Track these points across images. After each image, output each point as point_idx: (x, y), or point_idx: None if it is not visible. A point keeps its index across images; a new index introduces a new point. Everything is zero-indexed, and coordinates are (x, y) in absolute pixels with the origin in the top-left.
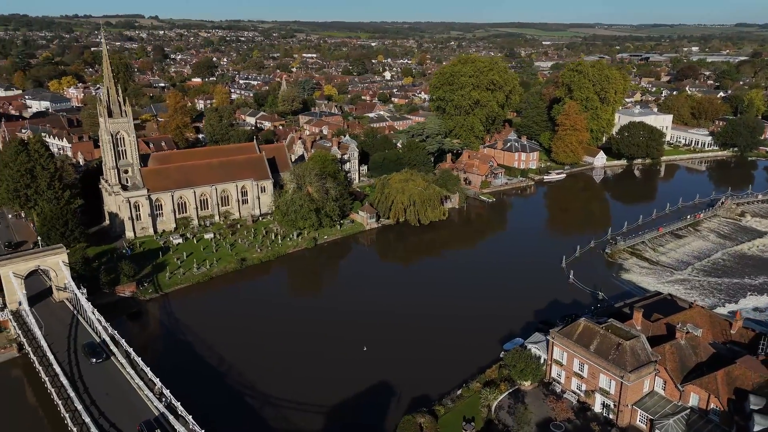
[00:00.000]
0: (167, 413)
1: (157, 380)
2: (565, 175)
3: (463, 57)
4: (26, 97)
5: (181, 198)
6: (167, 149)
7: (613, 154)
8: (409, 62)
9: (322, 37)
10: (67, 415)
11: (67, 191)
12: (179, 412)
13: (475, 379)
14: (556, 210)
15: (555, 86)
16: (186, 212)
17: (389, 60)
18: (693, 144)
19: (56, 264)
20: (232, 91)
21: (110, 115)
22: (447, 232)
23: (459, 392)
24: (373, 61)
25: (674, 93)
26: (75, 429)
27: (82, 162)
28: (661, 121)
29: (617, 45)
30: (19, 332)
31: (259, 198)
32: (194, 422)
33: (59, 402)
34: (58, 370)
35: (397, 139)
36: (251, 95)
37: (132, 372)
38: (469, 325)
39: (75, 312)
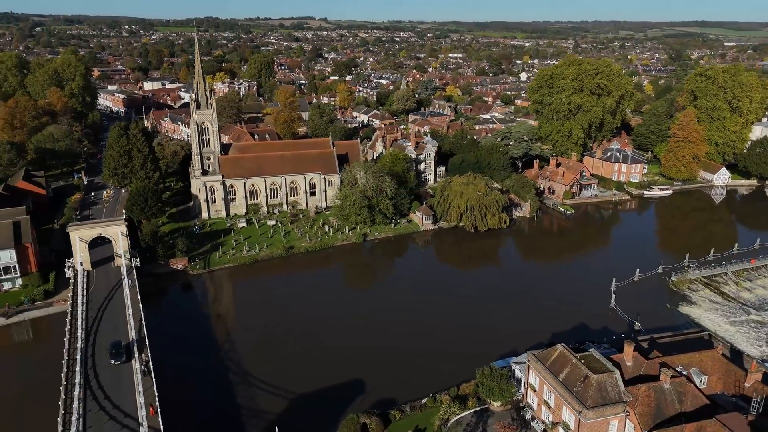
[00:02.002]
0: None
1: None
2: (671, 191)
3: (569, 58)
4: (182, 89)
5: (252, 186)
6: (269, 140)
7: (742, 172)
8: (556, 63)
9: (476, 37)
10: (62, 376)
11: (157, 172)
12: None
13: (446, 391)
14: (640, 229)
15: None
16: (257, 199)
17: (535, 61)
18: None
19: (116, 233)
20: (360, 89)
21: (198, 107)
22: (502, 242)
23: (424, 401)
24: (518, 61)
25: None
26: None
27: None
28: None
29: None
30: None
31: (325, 191)
32: None
33: (63, 362)
34: (79, 333)
35: (485, 142)
36: (374, 94)
37: (139, 378)
38: (482, 337)
39: (124, 278)
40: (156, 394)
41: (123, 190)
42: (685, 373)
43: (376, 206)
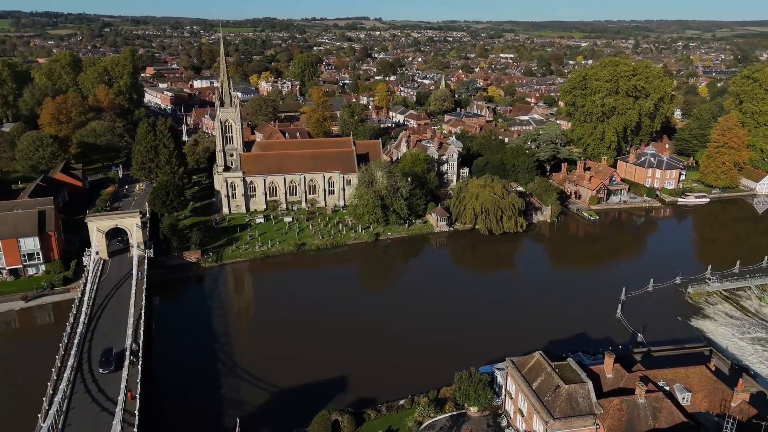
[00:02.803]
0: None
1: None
2: (707, 199)
3: (605, 60)
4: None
5: (272, 183)
6: (300, 138)
7: None
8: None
9: (531, 37)
10: (57, 357)
11: (182, 168)
12: None
13: (425, 394)
14: (665, 238)
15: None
16: (276, 196)
17: (589, 61)
18: None
19: (131, 225)
20: (402, 89)
21: (222, 105)
22: (517, 246)
23: (402, 402)
24: (570, 62)
25: None
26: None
27: None
28: None
29: None
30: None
31: (344, 190)
32: None
33: (61, 345)
34: (81, 318)
35: (512, 144)
36: (414, 94)
37: (126, 364)
38: (479, 341)
39: (134, 268)
40: (139, 380)
41: (155, 184)
42: (667, 388)
43: (390, 206)
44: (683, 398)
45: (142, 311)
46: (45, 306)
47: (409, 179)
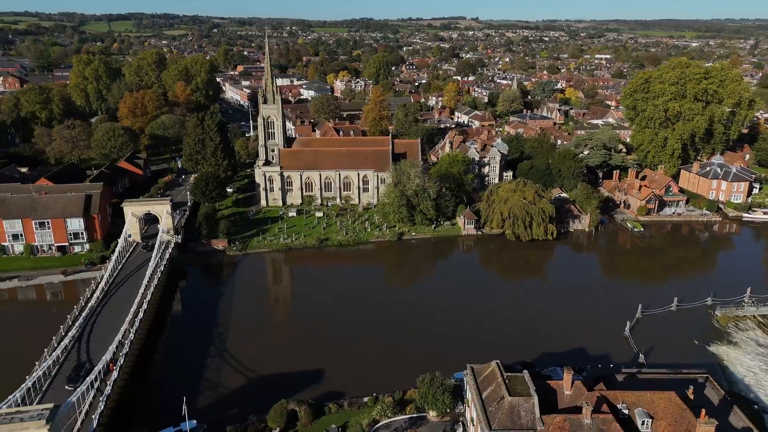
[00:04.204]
0: None
1: None
2: None
3: (674, 61)
4: (303, 87)
5: (308, 178)
6: (354, 136)
7: None
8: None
9: (636, 36)
10: (61, 327)
11: (226, 160)
12: None
13: (390, 394)
14: (713, 255)
15: None
16: (312, 191)
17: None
18: None
19: (161, 211)
20: (476, 90)
21: (265, 102)
22: (544, 254)
23: (366, 400)
24: None
25: None
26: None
27: None
28: None
29: None
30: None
31: (378, 188)
32: None
33: (69, 316)
34: (96, 293)
35: (562, 148)
36: (486, 94)
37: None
38: (473, 347)
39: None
40: (124, 352)
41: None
42: (626, 411)
43: (417, 206)
44: (643, 423)
45: (147, 296)
46: (81, 281)
47: (437, 180)
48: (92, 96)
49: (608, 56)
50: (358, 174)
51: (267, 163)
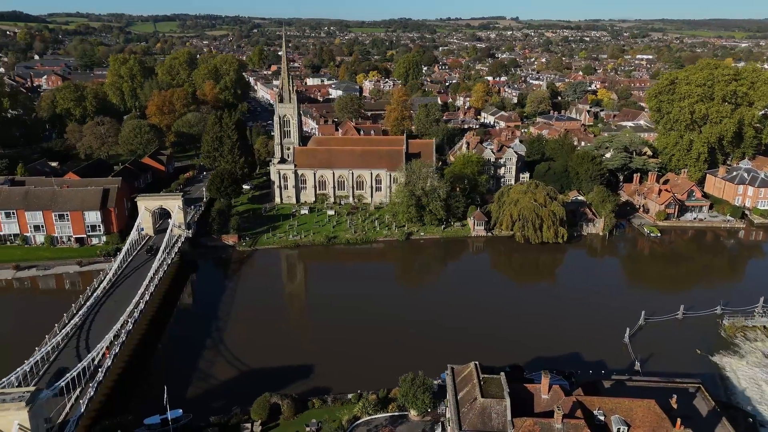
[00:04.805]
0: None
1: None
2: None
3: (703, 61)
4: (332, 86)
5: (321, 177)
6: (374, 136)
7: None
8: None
9: (682, 36)
10: (65, 315)
11: (243, 158)
12: None
13: (374, 392)
14: (729, 262)
15: None
16: (325, 190)
17: (741, 64)
18: None
19: (173, 206)
20: (507, 90)
21: (281, 101)
22: (553, 258)
23: (350, 396)
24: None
25: None
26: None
27: None
28: None
29: None
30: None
31: (390, 187)
32: None
33: (74, 305)
34: (103, 284)
35: (582, 150)
36: (516, 94)
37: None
38: (468, 349)
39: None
40: (120, 341)
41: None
42: (602, 418)
43: (426, 206)
44: (618, 430)
45: (150, 288)
46: (94, 271)
47: (448, 180)
48: (127, 94)
49: (649, 57)
50: (371, 173)
51: (282, 161)
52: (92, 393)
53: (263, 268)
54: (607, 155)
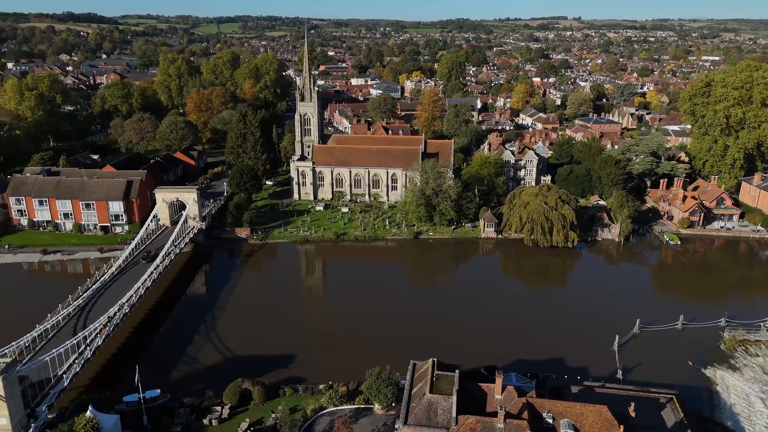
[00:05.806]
0: None
1: None
2: None
3: (743, 63)
4: (374, 86)
5: (338, 174)
6: (402, 135)
7: None
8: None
9: (757, 37)
10: (69, 296)
11: (264, 155)
12: None
13: (344, 384)
14: (748, 275)
15: None
16: (342, 187)
17: None
18: None
19: (188, 199)
20: (553, 92)
21: (302, 99)
22: (560, 262)
23: (321, 387)
24: None
25: None
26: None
27: None
28: None
29: None
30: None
31: (405, 186)
32: None
33: (79, 288)
34: (112, 270)
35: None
36: (559, 96)
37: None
38: (461, 348)
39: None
40: (117, 320)
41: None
42: (550, 421)
43: (436, 206)
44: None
45: (154, 275)
46: (113, 257)
47: (458, 181)
48: (174, 92)
49: (716, 58)
50: (387, 172)
51: (302, 158)
52: (78, 369)
53: (269, 260)
54: (636, 159)
